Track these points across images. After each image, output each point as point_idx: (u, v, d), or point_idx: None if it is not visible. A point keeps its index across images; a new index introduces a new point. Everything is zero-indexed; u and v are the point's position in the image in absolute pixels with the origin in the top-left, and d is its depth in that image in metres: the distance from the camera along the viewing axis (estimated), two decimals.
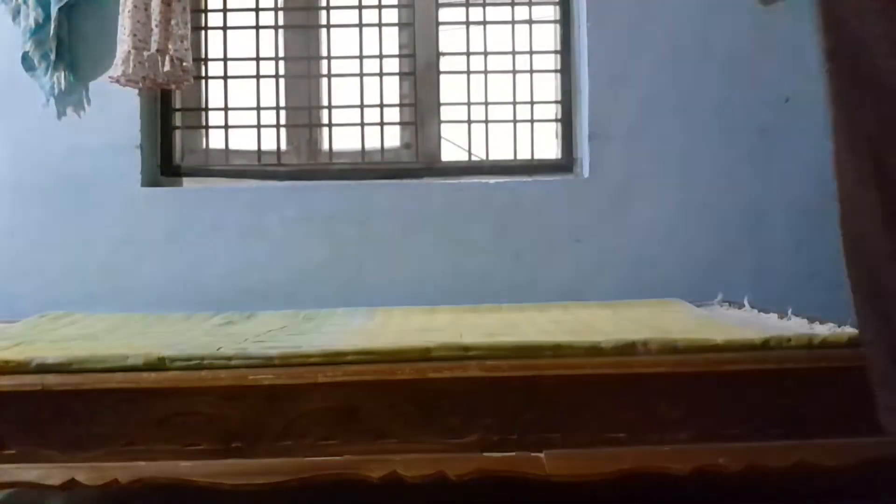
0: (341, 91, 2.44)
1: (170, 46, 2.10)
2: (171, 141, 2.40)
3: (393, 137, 2.45)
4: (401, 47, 2.44)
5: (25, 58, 2.21)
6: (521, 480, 1.23)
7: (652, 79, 2.26)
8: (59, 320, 1.97)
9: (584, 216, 2.27)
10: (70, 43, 2.25)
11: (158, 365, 1.24)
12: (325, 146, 2.45)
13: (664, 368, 1.25)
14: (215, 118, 2.44)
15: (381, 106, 2.40)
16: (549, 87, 2.42)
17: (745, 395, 1.25)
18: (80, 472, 1.18)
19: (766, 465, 1.23)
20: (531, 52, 2.40)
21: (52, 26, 2.18)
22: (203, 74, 2.41)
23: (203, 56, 2.42)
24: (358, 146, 2.41)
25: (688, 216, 2.26)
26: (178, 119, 2.43)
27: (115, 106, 2.27)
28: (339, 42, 2.44)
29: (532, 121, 2.41)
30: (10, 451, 1.18)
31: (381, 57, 2.40)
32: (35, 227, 2.27)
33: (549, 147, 2.44)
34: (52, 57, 2.20)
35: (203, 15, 2.42)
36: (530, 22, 2.42)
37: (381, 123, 2.40)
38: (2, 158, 2.27)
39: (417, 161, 2.39)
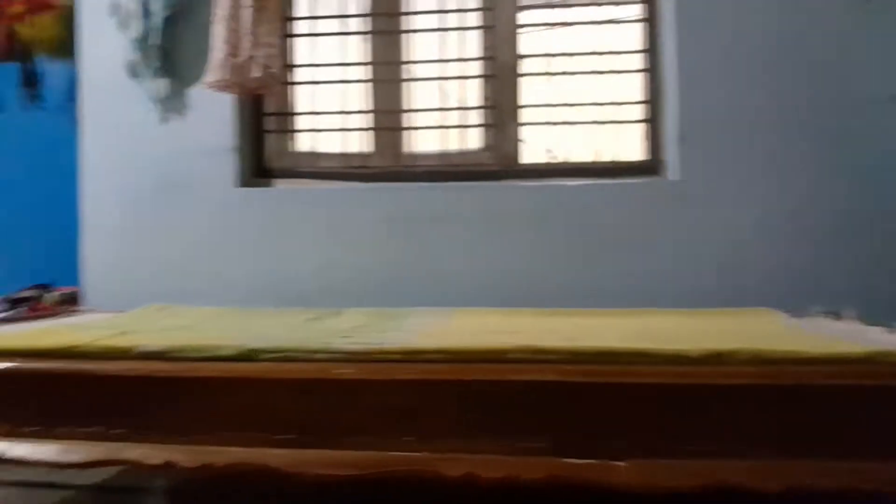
0: (424, 94, 2.48)
1: (258, 53, 2.20)
2: (262, 144, 2.51)
3: (474, 140, 2.47)
4: (483, 50, 2.46)
5: (131, 66, 2.37)
6: (597, 488, 1.21)
7: (742, 79, 2.18)
8: (162, 311, 2.10)
9: (670, 220, 2.21)
10: (171, 52, 2.39)
11: (249, 356, 1.30)
12: (409, 148, 2.49)
13: (753, 380, 1.20)
14: (304, 122, 2.53)
15: (462, 109, 2.42)
16: (635, 87, 2.38)
17: (842, 412, 1.18)
18: (178, 453, 1.25)
19: (861, 487, 1.16)
20: (615, 53, 2.36)
21: (156, 36, 2.33)
22: (292, 80, 2.51)
23: (292, 62, 2.52)
24: (441, 148, 2.45)
25: (779, 221, 2.16)
26: (269, 123, 2.54)
27: (212, 111, 2.38)
28: (422, 47, 2.48)
29: (616, 122, 2.37)
30: (117, 431, 1.27)
31: (461, 60, 2.43)
32: (142, 225, 2.42)
33: (636, 150, 2.39)
34: (156, 65, 2.35)
35: (292, 23, 2.52)
36: (615, 22, 2.38)
37: (461, 126, 2.42)
38: (113, 161, 2.44)
39: (497, 163, 2.40)
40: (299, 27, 2.52)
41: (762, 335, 1.54)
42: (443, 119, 2.44)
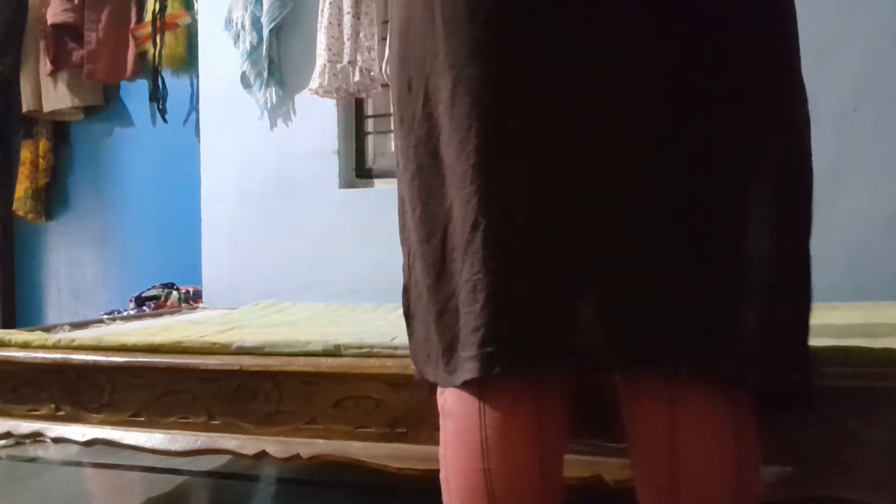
0: None
1: (358, 58, 2.27)
2: (363, 146, 2.59)
3: None
4: None
5: (243, 77, 2.52)
6: None
7: (867, 51, 1.97)
8: (270, 308, 2.23)
9: None
10: (279, 61, 2.52)
11: (335, 352, 1.35)
12: None
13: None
14: None
15: None
16: None
17: None
18: (270, 444, 1.31)
19: None
20: None
21: (264, 47, 2.47)
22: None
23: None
24: None
25: None
26: (370, 125, 2.61)
27: (317, 115, 2.49)
28: None
29: None
30: (216, 422, 1.35)
31: None
32: (254, 225, 2.57)
33: None
34: (265, 74, 2.49)
35: (389, 25, 2.57)
36: None
37: None
38: (229, 166, 2.61)
39: None
40: None
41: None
42: None
